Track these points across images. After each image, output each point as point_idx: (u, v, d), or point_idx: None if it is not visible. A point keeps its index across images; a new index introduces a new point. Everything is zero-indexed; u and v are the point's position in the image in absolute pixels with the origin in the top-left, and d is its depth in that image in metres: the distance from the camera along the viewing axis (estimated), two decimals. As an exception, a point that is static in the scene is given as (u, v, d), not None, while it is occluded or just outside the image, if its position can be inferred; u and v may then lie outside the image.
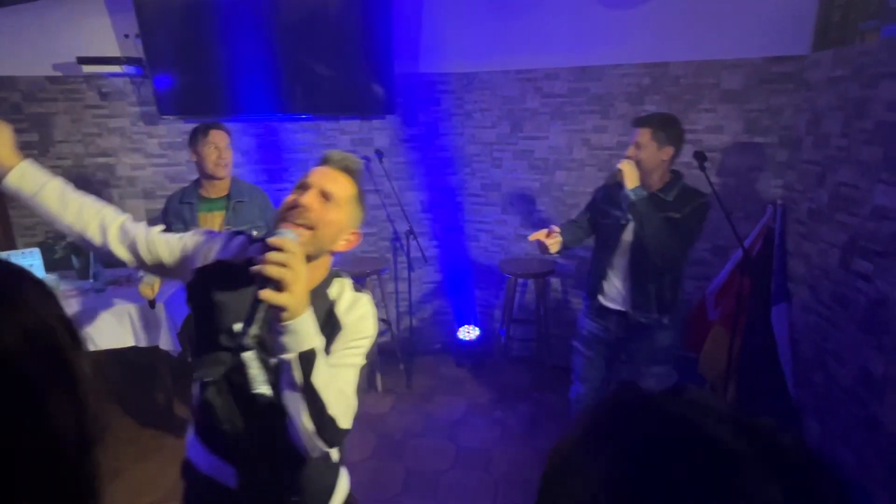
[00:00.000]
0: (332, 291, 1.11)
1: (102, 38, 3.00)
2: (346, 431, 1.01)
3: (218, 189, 2.31)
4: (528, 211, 3.35)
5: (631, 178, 1.91)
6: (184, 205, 2.31)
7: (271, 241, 0.89)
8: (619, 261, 2.05)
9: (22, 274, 0.42)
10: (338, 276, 1.15)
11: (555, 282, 3.40)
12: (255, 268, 0.87)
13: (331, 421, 0.95)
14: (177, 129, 3.23)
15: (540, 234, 2.06)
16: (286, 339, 0.89)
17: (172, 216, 2.30)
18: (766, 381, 2.70)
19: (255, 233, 2.28)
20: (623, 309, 2.05)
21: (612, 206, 2.08)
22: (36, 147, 3.15)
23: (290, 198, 1.03)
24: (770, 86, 2.71)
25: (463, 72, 3.23)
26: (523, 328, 3.53)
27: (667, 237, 1.88)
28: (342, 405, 0.99)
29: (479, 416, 2.97)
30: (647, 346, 2.06)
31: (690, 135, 2.89)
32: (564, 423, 2.79)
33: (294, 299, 0.87)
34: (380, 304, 3.51)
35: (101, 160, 3.23)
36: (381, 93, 3.13)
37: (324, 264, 1.10)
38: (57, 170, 3.20)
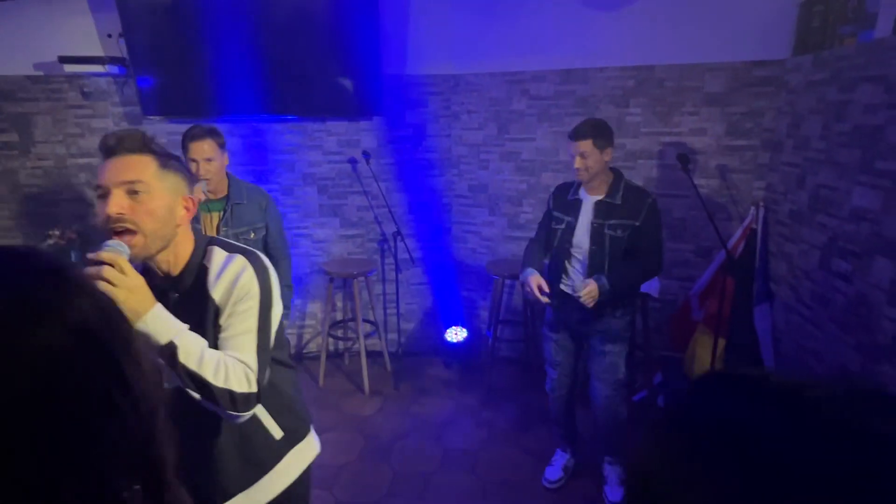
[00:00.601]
0: (207, 261, 1.10)
1: (85, 37, 2.96)
2: (251, 395, 1.02)
3: (217, 191, 2.27)
4: (515, 212, 3.37)
5: (594, 295, 2.01)
6: None
7: (88, 256, 0.91)
8: (575, 258, 2.19)
9: (72, 262, 0.46)
10: (210, 243, 1.12)
11: (542, 283, 3.41)
12: None
13: (223, 392, 0.98)
14: (161, 129, 3.19)
15: (537, 292, 2.12)
16: (142, 340, 0.94)
17: None
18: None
19: (252, 234, 2.27)
20: (579, 295, 2.14)
21: (562, 211, 2.21)
22: (16, 147, 3.10)
23: (99, 211, 0.99)
24: (752, 89, 2.75)
25: (450, 74, 3.24)
26: (510, 329, 3.54)
27: (640, 269, 2.07)
28: (234, 374, 1.00)
29: (466, 418, 2.97)
30: (602, 326, 2.19)
31: (674, 137, 2.93)
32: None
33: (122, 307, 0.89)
34: (367, 305, 3.50)
35: (84, 161, 3.19)
36: (368, 94, 3.12)
37: (182, 243, 1.08)
38: (38, 170, 3.16)
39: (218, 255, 1.10)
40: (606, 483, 2.35)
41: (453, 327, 3.59)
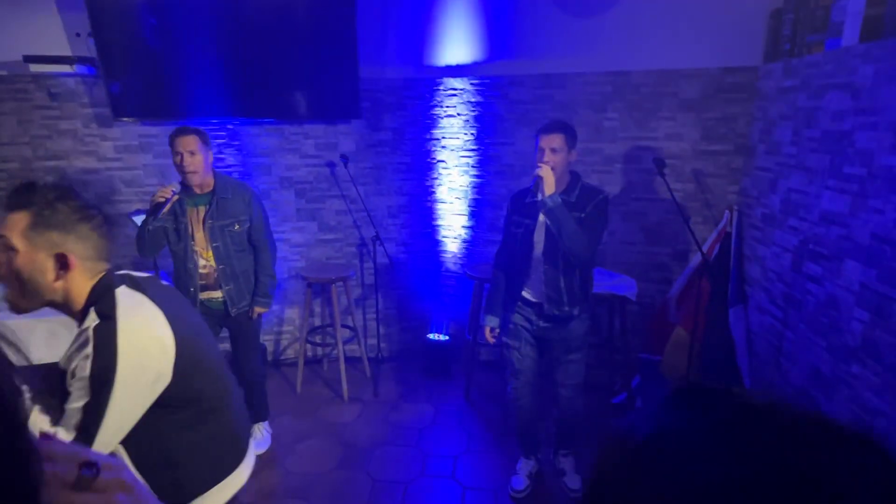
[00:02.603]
0: (85, 321, 1.07)
1: (51, 36, 2.88)
2: None
3: (203, 186, 2.38)
4: (495, 216, 3.37)
5: (550, 185, 1.99)
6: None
7: None
8: (534, 261, 2.20)
9: None
10: (102, 301, 1.08)
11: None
12: None
13: None
14: (133, 131, 3.12)
15: (489, 338, 2.36)
16: None
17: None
18: (724, 380, 2.77)
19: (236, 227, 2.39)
20: (540, 301, 2.20)
21: (521, 215, 2.20)
22: (-22, 149, 2.99)
23: None
24: (725, 95, 2.80)
25: (429, 77, 3.23)
26: (491, 333, 3.53)
27: (581, 237, 1.99)
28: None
29: (446, 423, 2.95)
30: (563, 334, 2.21)
31: (651, 142, 2.97)
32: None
33: None
34: (346, 310, 3.45)
35: (51, 163, 3.09)
36: (347, 97, 3.09)
37: (71, 298, 1.08)
38: (2, 173, 3.05)
39: (89, 319, 1.06)
40: (565, 474, 2.45)
41: (433, 332, 3.57)
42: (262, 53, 2.96)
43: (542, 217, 2.12)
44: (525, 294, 2.24)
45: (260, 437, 2.70)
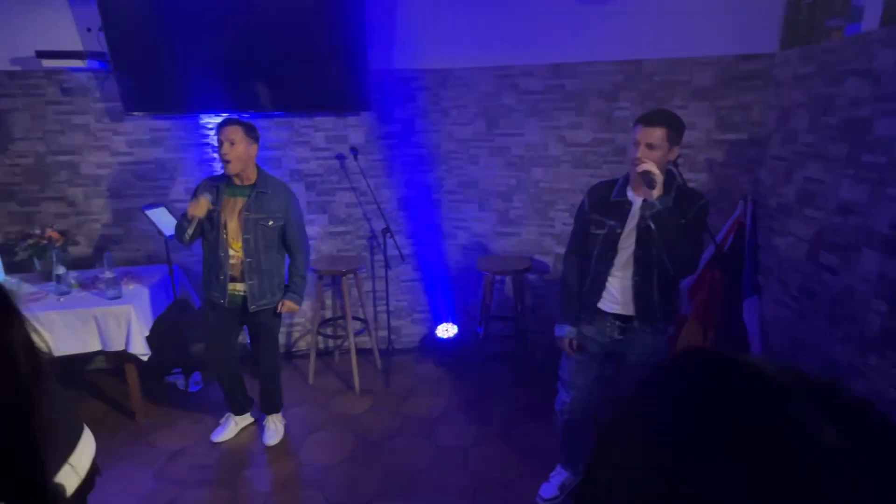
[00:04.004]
0: None
1: (63, 31, 2.89)
2: None
3: (243, 178, 2.42)
4: (506, 208, 3.35)
5: (660, 186, 1.74)
6: (212, 186, 2.43)
7: None
8: (618, 270, 1.95)
9: None
10: None
11: (532, 278, 3.41)
12: None
13: None
14: (144, 125, 3.14)
15: (568, 351, 2.11)
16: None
17: (200, 193, 2.43)
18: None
19: (270, 223, 2.44)
20: (623, 313, 1.97)
21: (604, 214, 1.95)
22: (-6, 145, 3.02)
23: None
24: (740, 83, 2.75)
25: (439, 68, 3.21)
26: (501, 325, 3.53)
27: (684, 247, 1.77)
28: None
29: (457, 415, 2.96)
30: (641, 349, 1.99)
31: (663, 131, 2.92)
32: (544, 421, 2.80)
33: None
34: (356, 303, 3.47)
35: (64, 158, 3.12)
36: (356, 89, 3.08)
37: None
38: (17, 168, 3.08)
39: None
40: None
41: (444, 324, 3.57)
42: (271, 46, 2.95)
43: (634, 219, 1.87)
44: (601, 305, 2.00)
45: (273, 429, 2.73)
